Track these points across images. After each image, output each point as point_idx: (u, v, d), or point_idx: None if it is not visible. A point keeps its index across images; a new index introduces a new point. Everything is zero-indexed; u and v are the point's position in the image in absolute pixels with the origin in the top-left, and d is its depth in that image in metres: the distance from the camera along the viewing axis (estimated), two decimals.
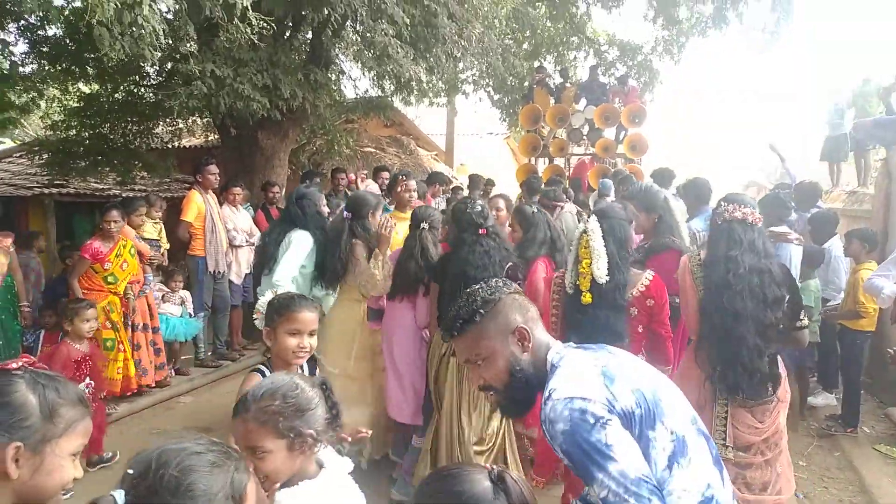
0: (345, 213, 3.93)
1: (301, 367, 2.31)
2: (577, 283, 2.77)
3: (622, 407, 1.46)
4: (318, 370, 3.80)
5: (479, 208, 3.38)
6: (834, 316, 4.93)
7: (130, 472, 1.10)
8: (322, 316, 3.77)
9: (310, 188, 4.35)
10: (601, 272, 2.72)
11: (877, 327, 4.86)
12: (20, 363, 1.28)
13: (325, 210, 4.27)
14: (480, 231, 3.30)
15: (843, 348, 4.96)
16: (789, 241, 4.08)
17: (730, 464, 2.52)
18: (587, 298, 2.73)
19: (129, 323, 5.00)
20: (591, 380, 1.51)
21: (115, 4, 3.30)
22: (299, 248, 3.83)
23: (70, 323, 3.94)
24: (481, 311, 1.61)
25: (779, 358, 2.65)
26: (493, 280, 1.75)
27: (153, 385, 5.27)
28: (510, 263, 3.29)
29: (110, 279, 4.81)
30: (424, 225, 3.66)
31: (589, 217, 2.93)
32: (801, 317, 2.69)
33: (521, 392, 1.61)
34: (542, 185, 7.24)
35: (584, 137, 10.45)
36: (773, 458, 2.66)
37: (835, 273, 5.23)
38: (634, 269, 2.93)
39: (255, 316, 2.45)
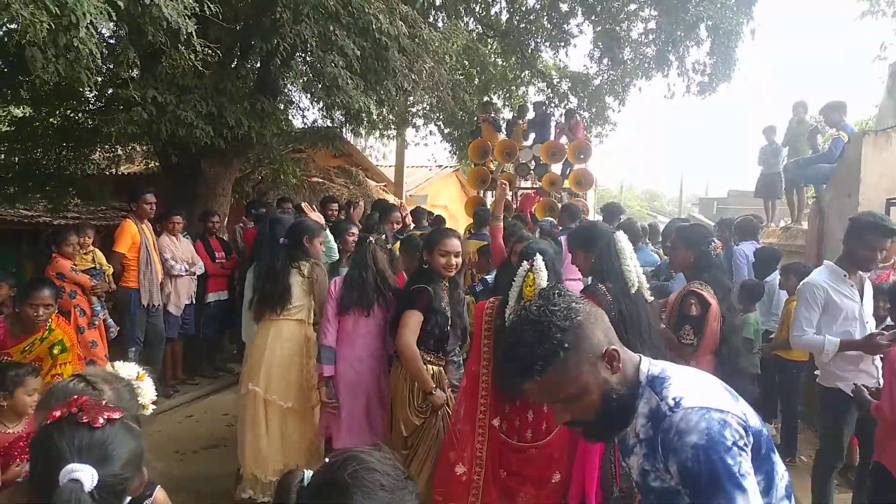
0: (280, 239, 3.89)
1: None
2: None
3: (754, 425, 1.34)
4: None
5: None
6: (769, 347, 5.06)
7: (327, 460, 1.18)
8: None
9: (284, 215, 4.30)
10: None
11: (810, 357, 5.02)
12: None
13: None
14: None
15: (779, 378, 5.09)
16: None
17: None
18: None
19: None
20: (719, 392, 1.37)
21: (49, 25, 3.15)
22: None
23: (8, 395, 2.82)
24: (565, 344, 1.33)
25: None
26: (557, 293, 1.44)
27: None
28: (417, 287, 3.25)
29: None
30: (371, 238, 3.63)
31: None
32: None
33: (617, 416, 1.41)
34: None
35: (531, 172, 10.64)
36: None
37: (777, 306, 5.39)
38: None
39: None
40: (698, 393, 1.34)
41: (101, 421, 1.25)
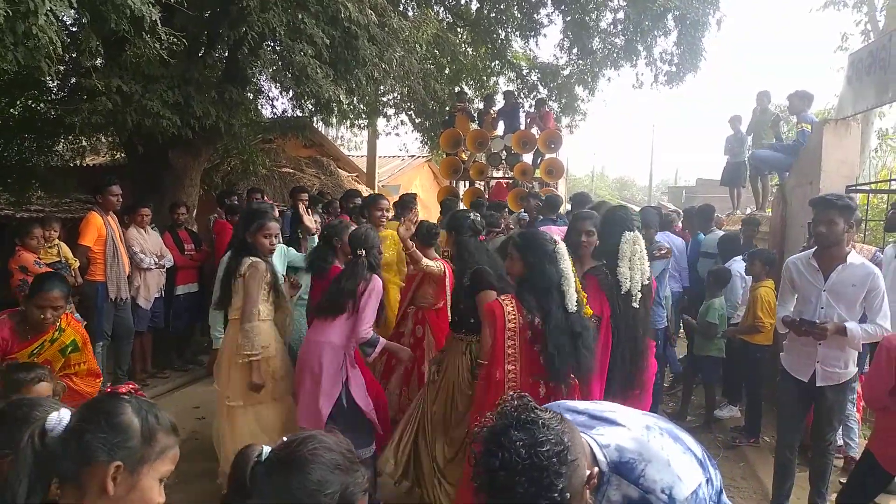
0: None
1: None
2: (584, 302, 2.86)
3: (703, 457, 1.46)
4: None
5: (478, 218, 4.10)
6: (734, 332, 5.19)
7: (285, 438, 1.27)
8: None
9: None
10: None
11: (774, 341, 5.17)
12: (128, 388, 1.37)
13: None
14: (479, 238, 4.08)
15: (743, 362, 5.22)
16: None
17: None
18: (589, 311, 2.91)
19: None
20: (678, 456, 1.42)
21: (6, 12, 3.07)
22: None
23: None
24: (567, 494, 1.20)
25: None
26: (540, 422, 1.26)
27: None
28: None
29: None
30: (361, 252, 3.64)
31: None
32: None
33: None
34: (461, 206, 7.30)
35: (503, 161, 10.69)
36: None
37: (732, 292, 5.52)
38: None
39: None
40: (676, 474, 1.39)
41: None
